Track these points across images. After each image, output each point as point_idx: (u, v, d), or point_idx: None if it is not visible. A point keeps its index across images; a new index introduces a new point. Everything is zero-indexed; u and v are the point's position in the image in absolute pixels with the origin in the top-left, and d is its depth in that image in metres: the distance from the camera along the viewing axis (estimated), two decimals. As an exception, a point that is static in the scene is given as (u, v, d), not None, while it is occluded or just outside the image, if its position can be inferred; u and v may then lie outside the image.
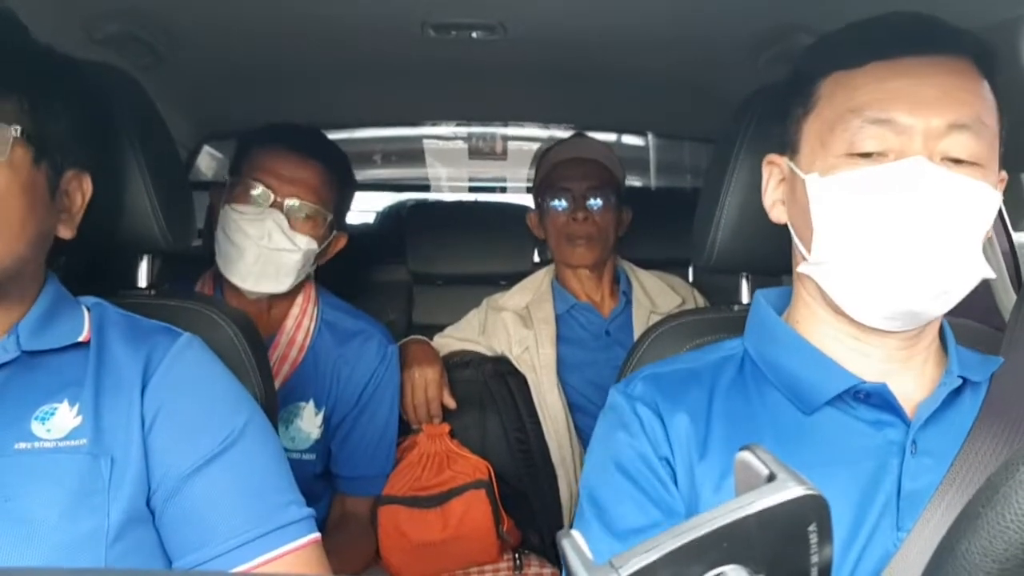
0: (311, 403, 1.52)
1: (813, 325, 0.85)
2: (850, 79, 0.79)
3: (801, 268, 0.81)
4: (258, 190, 1.43)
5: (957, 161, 0.75)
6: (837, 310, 0.81)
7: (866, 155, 0.76)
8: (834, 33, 0.85)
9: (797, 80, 0.87)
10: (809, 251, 0.80)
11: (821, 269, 0.79)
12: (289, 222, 1.43)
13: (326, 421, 1.54)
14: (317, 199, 1.46)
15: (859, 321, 0.79)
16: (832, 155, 0.78)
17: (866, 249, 0.75)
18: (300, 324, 1.54)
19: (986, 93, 0.79)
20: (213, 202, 1.51)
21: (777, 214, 0.89)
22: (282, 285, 1.45)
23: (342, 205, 1.56)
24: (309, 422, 1.52)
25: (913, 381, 0.83)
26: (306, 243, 1.44)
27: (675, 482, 0.81)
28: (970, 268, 0.75)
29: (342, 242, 1.58)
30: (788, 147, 0.86)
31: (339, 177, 1.53)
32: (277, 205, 1.43)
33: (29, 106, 0.82)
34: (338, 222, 1.55)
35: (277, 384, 1.49)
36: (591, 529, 0.81)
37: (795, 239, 0.85)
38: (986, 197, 0.75)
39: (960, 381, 0.81)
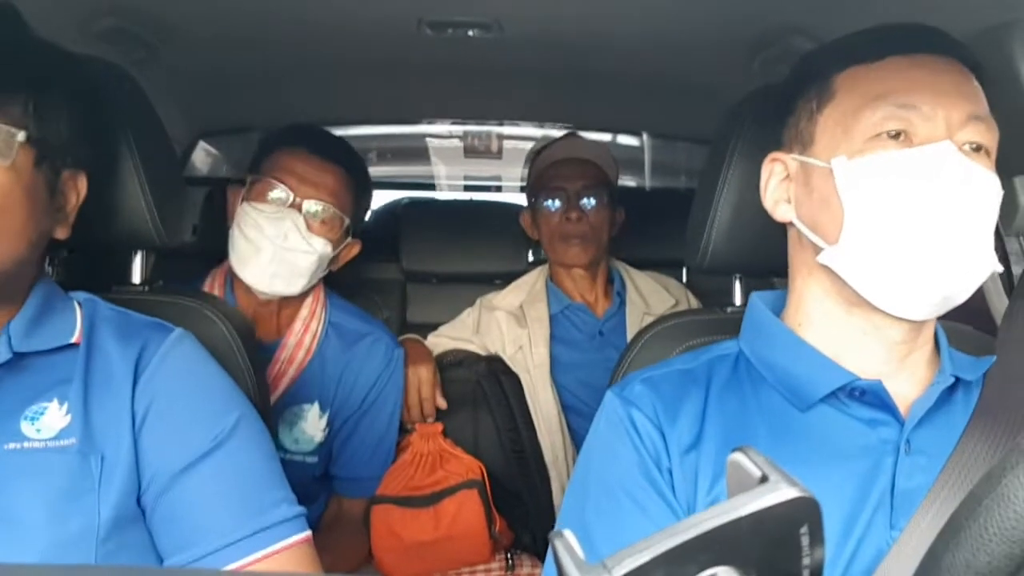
0: (316, 405, 1.52)
1: (817, 323, 0.86)
2: (871, 71, 0.81)
3: (821, 258, 0.81)
4: (278, 189, 1.43)
5: (976, 149, 0.78)
6: (852, 302, 0.81)
7: (894, 137, 0.78)
8: (848, 35, 0.87)
9: (805, 77, 0.87)
10: (832, 242, 0.80)
11: (846, 258, 0.79)
12: (307, 224, 1.43)
13: (330, 424, 1.54)
14: (336, 202, 1.46)
15: (885, 310, 0.79)
16: (859, 140, 0.79)
17: (902, 232, 0.75)
18: (308, 327, 1.54)
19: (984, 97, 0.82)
20: (231, 200, 1.51)
21: (782, 212, 0.88)
22: (294, 287, 1.44)
23: (359, 211, 1.56)
24: (313, 425, 1.52)
25: (908, 381, 0.83)
26: (322, 246, 1.44)
27: (673, 490, 0.81)
28: (990, 254, 0.77)
29: (356, 249, 1.58)
30: (796, 142, 0.86)
31: (358, 183, 1.53)
32: (296, 206, 1.43)
33: (34, 108, 0.82)
34: (353, 228, 1.54)
35: (283, 386, 1.49)
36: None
37: (808, 234, 0.84)
38: (998, 186, 0.78)
39: (953, 380, 0.82)
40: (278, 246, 1.40)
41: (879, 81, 0.80)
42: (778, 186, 0.89)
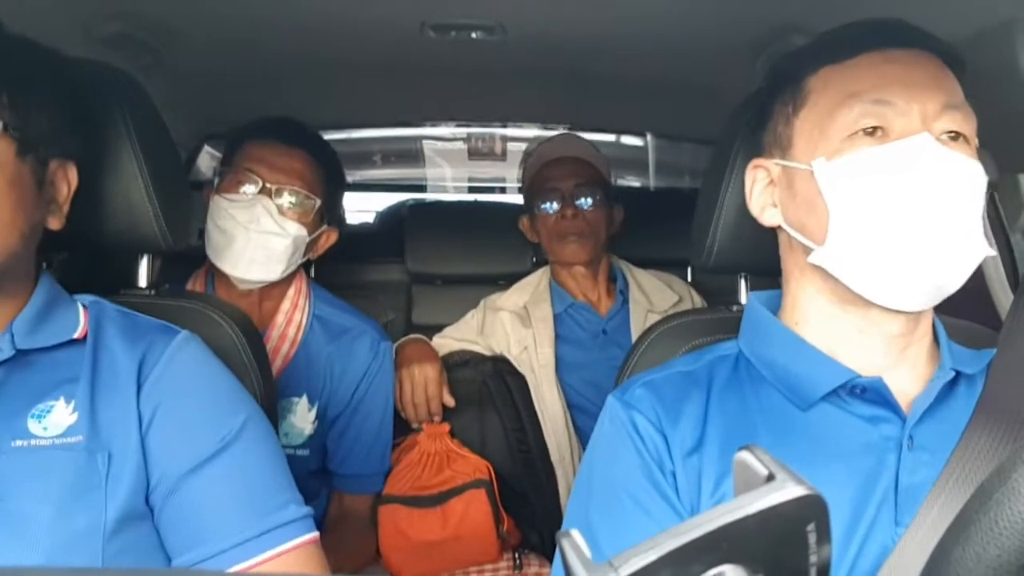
0: (304, 398, 1.53)
1: (813, 322, 0.86)
2: (843, 70, 0.82)
3: (812, 259, 0.82)
4: (247, 179, 1.45)
5: (954, 138, 0.79)
6: (846, 300, 0.82)
7: (870, 133, 0.78)
8: (818, 35, 0.87)
9: (779, 82, 0.88)
10: (820, 242, 0.81)
11: (836, 256, 0.79)
12: (278, 209, 1.45)
13: (320, 417, 1.54)
14: (305, 186, 1.48)
15: (880, 303, 0.79)
16: (836, 139, 0.80)
17: (888, 227, 0.76)
18: (291, 319, 1.54)
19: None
20: (204, 198, 1.52)
21: (769, 217, 0.89)
22: (272, 273, 1.46)
23: (331, 197, 1.57)
24: (302, 417, 1.53)
25: (908, 376, 0.83)
26: (296, 229, 1.46)
27: (677, 492, 0.81)
28: (979, 240, 0.78)
29: (333, 237, 1.59)
30: (776, 147, 0.87)
31: (327, 168, 1.55)
32: (266, 192, 1.45)
33: (10, 99, 0.82)
34: (329, 215, 1.56)
35: (270, 380, 1.50)
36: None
37: (795, 236, 0.85)
38: (980, 174, 0.78)
39: (953, 374, 0.82)
40: (252, 230, 1.42)
41: (852, 79, 0.80)
42: (763, 192, 0.89)
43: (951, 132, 0.79)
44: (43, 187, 0.87)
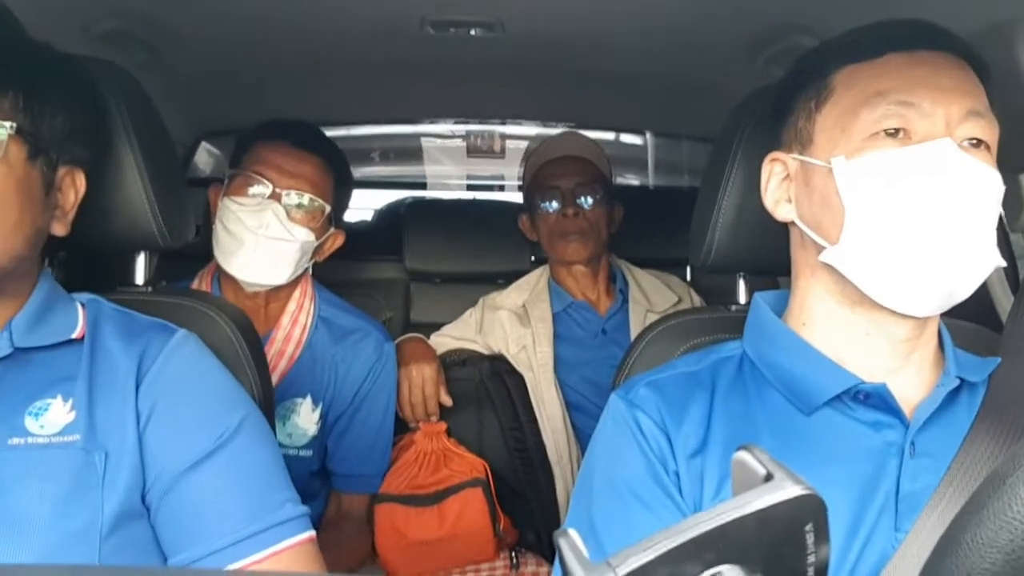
0: (308, 399, 1.53)
1: (820, 322, 0.85)
2: (869, 69, 0.81)
3: (824, 257, 0.81)
4: (257, 182, 1.45)
5: (976, 145, 0.78)
6: (855, 301, 0.81)
7: (892, 134, 0.78)
8: (846, 32, 0.86)
9: (803, 76, 0.87)
10: (834, 241, 0.80)
11: (848, 256, 0.79)
12: (287, 214, 1.44)
13: (323, 418, 1.55)
14: (315, 192, 1.48)
15: (888, 307, 0.78)
16: (857, 138, 0.79)
17: (904, 230, 0.75)
18: (296, 320, 1.54)
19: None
20: (211, 199, 1.52)
21: (783, 212, 0.88)
22: (279, 277, 1.45)
23: (339, 201, 1.57)
24: (306, 418, 1.53)
25: (912, 380, 0.83)
26: (304, 235, 1.45)
27: (680, 492, 0.81)
28: (992, 249, 0.77)
29: (340, 240, 1.59)
30: (795, 142, 0.86)
31: (337, 172, 1.54)
32: (276, 197, 1.44)
33: (24, 103, 0.82)
34: (336, 218, 1.56)
35: (274, 380, 1.49)
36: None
37: (809, 233, 0.84)
38: (999, 182, 0.78)
39: (958, 382, 0.82)
40: (260, 236, 1.41)
41: (878, 79, 0.80)
42: (778, 186, 0.89)
43: (973, 139, 0.78)
44: (51, 192, 0.87)
